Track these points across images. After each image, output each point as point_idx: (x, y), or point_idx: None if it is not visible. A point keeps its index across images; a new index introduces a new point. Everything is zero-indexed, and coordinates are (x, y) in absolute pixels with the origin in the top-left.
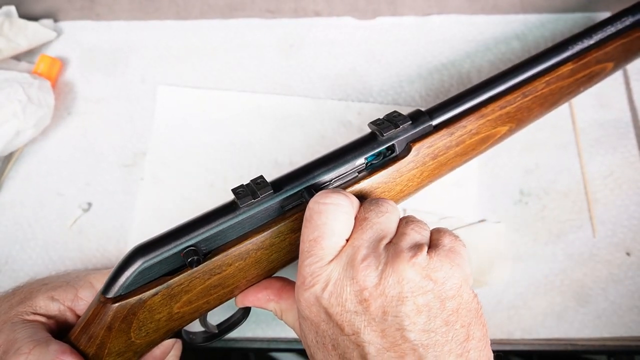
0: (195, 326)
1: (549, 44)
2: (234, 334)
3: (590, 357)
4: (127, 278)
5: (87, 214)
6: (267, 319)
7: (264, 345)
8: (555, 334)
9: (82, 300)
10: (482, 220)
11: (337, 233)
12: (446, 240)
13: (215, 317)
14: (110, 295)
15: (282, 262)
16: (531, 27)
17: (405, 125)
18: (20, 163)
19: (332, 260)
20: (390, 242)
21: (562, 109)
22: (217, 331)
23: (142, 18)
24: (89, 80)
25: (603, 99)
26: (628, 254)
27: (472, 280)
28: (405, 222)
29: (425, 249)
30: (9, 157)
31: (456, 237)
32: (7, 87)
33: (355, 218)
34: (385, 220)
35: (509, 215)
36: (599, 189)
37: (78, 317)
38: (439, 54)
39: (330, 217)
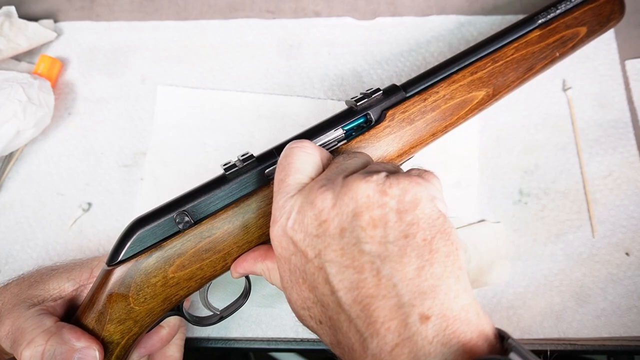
0: (200, 312)
1: None
2: (234, 333)
3: (589, 357)
4: (124, 244)
5: (87, 214)
6: (267, 319)
7: (264, 345)
8: (555, 334)
9: (95, 278)
10: (482, 220)
11: (300, 170)
12: (413, 170)
13: (218, 304)
14: (110, 262)
15: (269, 225)
16: None
17: (378, 95)
18: (21, 163)
19: (295, 194)
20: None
21: (562, 109)
22: (219, 313)
23: (142, 18)
24: (89, 80)
25: (603, 99)
26: (627, 254)
27: (443, 204)
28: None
29: (384, 173)
30: (9, 157)
31: (427, 170)
32: (7, 87)
33: (325, 166)
34: (352, 162)
35: (508, 216)
36: (599, 189)
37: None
38: (438, 54)
39: (295, 158)
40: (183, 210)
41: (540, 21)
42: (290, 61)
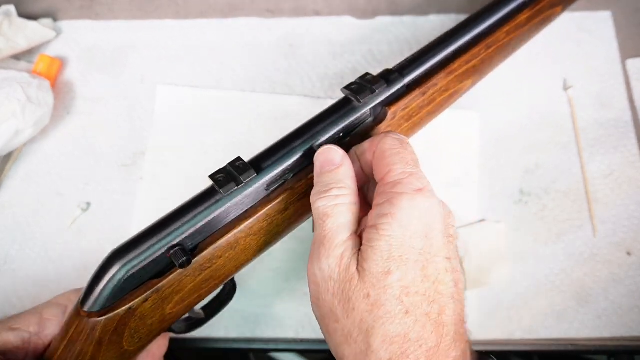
0: None
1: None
2: (234, 334)
3: (590, 357)
4: (107, 286)
5: (86, 214)
6: (266, 319)
7: (264, 346)
8: (556, 334)
9: (49, 321)
10: (482, 220)
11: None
12: None
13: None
14: (89, 307)
15: (271, 243)
16: None
17: (382, 88)
18: (20, 163)
19: None
20: None
21: (563, 109)
22: (203, 316)
23: (142, 17)
24: (88, 79)
25: (603, 98)
26: (629, 253)
27: None
28: None
29: None
30: (8, 157)
31: None
32: (6, 87)
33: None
34: None
35: (509, 215)
36: (599, 188)
37: (45, 342)
38: None
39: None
40: (177, 245)
41: None
42: (290, 60)
